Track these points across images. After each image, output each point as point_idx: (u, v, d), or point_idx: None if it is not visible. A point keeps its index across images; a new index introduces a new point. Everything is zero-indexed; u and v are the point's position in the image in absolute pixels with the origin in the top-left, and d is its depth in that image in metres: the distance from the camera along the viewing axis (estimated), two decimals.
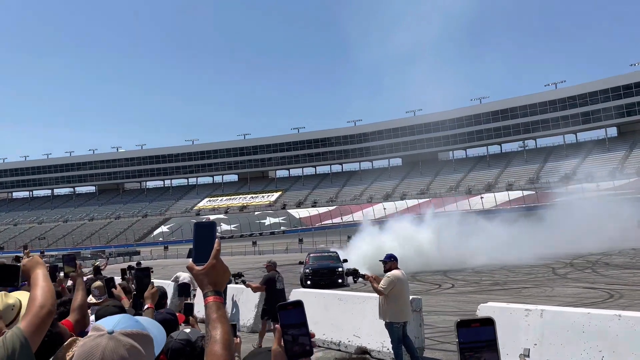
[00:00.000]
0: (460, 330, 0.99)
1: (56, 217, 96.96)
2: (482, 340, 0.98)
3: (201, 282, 1.49)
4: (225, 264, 1.55)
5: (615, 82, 71.13)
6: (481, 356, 0.97)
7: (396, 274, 7.78)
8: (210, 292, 1.48)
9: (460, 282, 20.62)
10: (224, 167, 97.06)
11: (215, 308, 1.46)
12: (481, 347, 0.97)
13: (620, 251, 28.80)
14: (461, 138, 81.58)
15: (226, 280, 1.55)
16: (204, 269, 1.49)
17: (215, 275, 1.49)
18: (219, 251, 1.52)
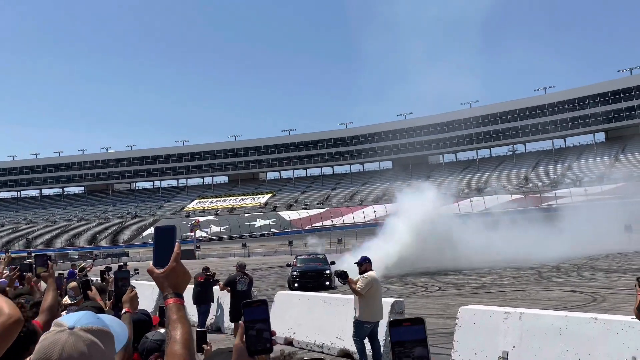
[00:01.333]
0: (392, 330, 1.04)
1: (44, 217, 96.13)
2: (413, 339, 1.03)
3: (161, 285, 1.53)
4: (184, 266, 1.59)
5: (604, 87, 71.89)
6: (412, 353, 1.01)
7: (373, 275, 8.02)
8: (171, 294, 1.51)
9: (447, 285, 20.73)
10: (215, 169, 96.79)
11: (175, 309, 1.49)
12: (412, 345, 1.02)
13: (607, 255, 29.10)
14: (451, 142, 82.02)
15: (186, 283, 1.59)
16: (164, 272, 1.53)
17: (175, 278, 1.53)
18: (179, 254, 1.56)
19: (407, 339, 1.03)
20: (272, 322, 1.30)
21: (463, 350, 7.31)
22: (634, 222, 35.35)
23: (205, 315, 12.84)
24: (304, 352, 9.86)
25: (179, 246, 1.57)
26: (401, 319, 1.06)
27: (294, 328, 10.67)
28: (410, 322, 1.05)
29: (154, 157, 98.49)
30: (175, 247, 1.56)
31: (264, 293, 19.62)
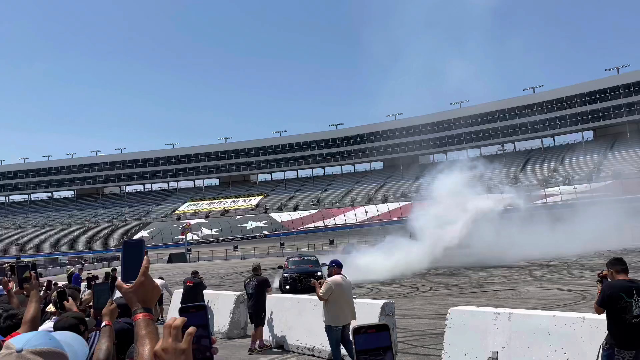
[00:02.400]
0: (356, 337, 1.02)
1: (33, 222, 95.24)
2: (377, 346, 1.01)
3: (130, 300, 1.51)
4: (154, 281, 1.56)
5: (591, 86, 72.52)
6: (375, 357, 1.00)
7: (335, 280, 7.97)
8: (140, 310, 1.49)
9: (438, 285, 20.78)
10: (205, 171, 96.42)
11: (144, 325, 1.47)
12: (376, 352, 1.01)
13: (596, 253, 29.32)
14: (441, 142, 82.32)
15: (156, 297, 1.56)
16: (132, 287, 1.50)
17: (144, 293, 1.51)
18: (147, 268, 1.54)
19: (372, 346, 1.01)
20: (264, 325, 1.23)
21: (453, 351, 7.30)
22: (623, 220, 35.65)
23: None
24: (294, 355, 9.81)
25: (148, 260, 1.55)
26: (365, 325, 1.04)
27: (285, 331, 10.63)
28: (375, 329, 1.04)
29: (144, 160, 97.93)
30: (144, 261, 1.54)
31: None
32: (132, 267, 1.54)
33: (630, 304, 5.07)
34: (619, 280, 5.27)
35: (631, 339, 5.05)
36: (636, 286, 5.19)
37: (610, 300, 5.15)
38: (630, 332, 5.05)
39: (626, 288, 5.14)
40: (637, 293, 5.12)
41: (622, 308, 5.09)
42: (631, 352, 5.03)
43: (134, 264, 1.54)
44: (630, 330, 5.05)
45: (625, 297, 5.10)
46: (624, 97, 69.92)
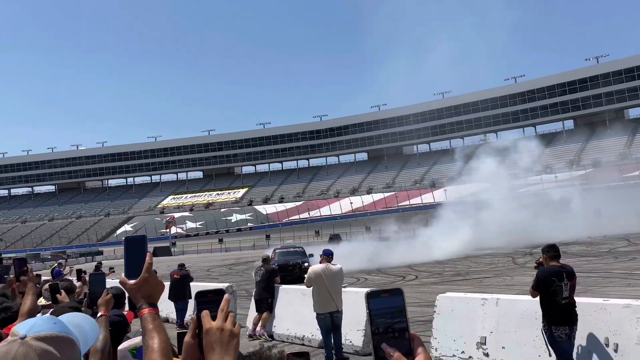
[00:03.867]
0: (370, 301, 1.02)
1: (14, 217, 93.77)
2: (391, 307, 1.02)
3: (135, 296, 1.52)
4: (157, 277, 1.58)
5: (571, 76, 73.48)
6: (391, 321, 1.02)
7: (313, 268, 8.38)
8: (145, 305, 1.51)
9: (423, 274, 20.99)
10: (189, 164, 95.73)
11: (150, 319, 1.49)
12: (390, 313, 1.02)
13: (577, 240, 29.81)
14: (425, 132, 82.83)
15: (160, 293, 1.58)
16: (136, 283, 1.52)
17: (148, 289, 1.53)
18: (151, 265, 1.55)
19: (385, 308, 1.02)
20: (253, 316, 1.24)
21: (442, 338, 7.41)
22: (603, 207, 36.29)
23: (183, 312, 12.75)
24: (284, 344, 9.87)
25: (151, 256, 1.55)
26: (379, 290, 1.05)
27: (274, 321, 10.69)
28: (388, 293, 1.04)
29: (126, 154, 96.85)
30: (147, 258, 1.55)
31: (243, 287, 19.58)
32: (135, 263, 1.55)
33: (561, 287, 5.62)
34: (551, 265, 5.81)
35: (563, 317, 5.64)
36: (566, 271, 5.75)
37: (543, 284, 5.67)
38: (561, 311, 5.64)
39: (557, 273, 5.68)
40: (567, 277, 5.68)
41: (553, 291, 5.63)
42: (565, 328, 5.60)
43: (137, 261, 1.55)
44: (561, 310, 5.64)
45: (557, 281, 5.64)
46: (604, 86, 71.00)
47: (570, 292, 5.71)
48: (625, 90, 70.00)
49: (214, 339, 1.19)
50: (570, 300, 5.71)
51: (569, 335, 5.59)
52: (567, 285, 5.66)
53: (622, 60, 70.34)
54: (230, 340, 1.20)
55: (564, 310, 5.66)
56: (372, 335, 1.02)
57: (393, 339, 1.01)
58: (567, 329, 5.61)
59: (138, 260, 1.55)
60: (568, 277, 5.70)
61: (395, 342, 1.01)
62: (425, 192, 70.54)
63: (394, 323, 1.02)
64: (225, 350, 1.19)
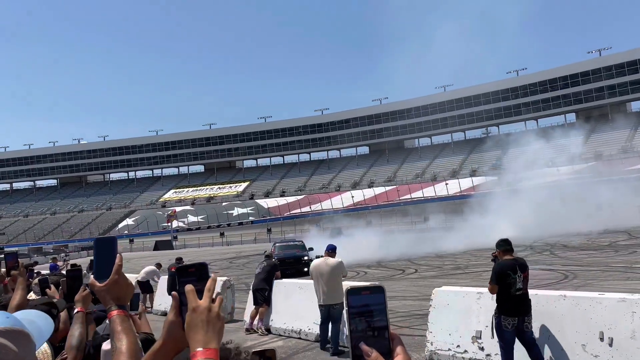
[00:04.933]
0: (350, 297, 0.99)
1: (16, 211, 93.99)
2: (371, 305, 0.99)
3: (104, 298, 1.50)
4: (127, 278, 1.55)
5: (573, 69, 73.13)
6: (370, 319, 0.98)
7: (313, 263, 8.88)
8: (114, 307, 1.49)
9: (423, 267, 20.99)
10: (190, 158, 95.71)
11: (119, 321, 1.47)
12: (370, 311, 0.99)
13: (578, 233, 29.76)
14: (426, 125, 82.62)
15: (130, 295, 1.55)
16: (105, 285, 1.49)
17: (118, 291, 1.50)
18: (120, 266, 1.53)
19: (365, 306, 0.99)
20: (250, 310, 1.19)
21: (437, 331, 7.39)
22: (604, 201, 36.17)
23: None
24: (281, 338, 9.87)
25: (121, 258, 1.54)
26: (360, 286, 1.02)
27: (271, 315, 10.68)
28: (369, 291, 1.01)
29: (127, 148, 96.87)
30: (117, 259, 1.52)
31: (242, 281, 19.60)
32: (104, 265, 1.52)
33: (515, 279, 5.98)
34: (506, 259, 6.16)
35: (514, 308, 5.99)
36: (519, 264, 6.11)
37: (500, 277, 6.03)
38: (514, 302, 6.00)
39: (511, 266, 6.04)
40: (520, 269, 6.04)
41: (509, 283, 5.99)
42: (514, 319, 5.97)
43: (107, 262, 1.52)
44: (514, 301, 6.00)
45: (512, 274, 6.00)
46: (606, 79, 70.67)
47: (524, 283, 6.02)
48: (627, 83, 69.67)
49: (200, 318, 1.10)
50: (524, 291, 6.03)
51: (517, 326, 5.95)
52: (521, 277, 6.00)
53: (625, 53, 69.96)
54: (217, 322, 1.12)
55: (517, 301, 5.99)
56: (349, 333, 0.99)
57: (372, 338, 0.98)
58: (516, 320, 5.95)
59: (107, 262, 1.52)
60: (521, 269, 6.04)
61: (374, 342, 0.98)
62: (427, 185, 70.46)
63: (373, 321, 0.98)
64: (211, 332, 1.10)
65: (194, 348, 1.08)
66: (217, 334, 1.11)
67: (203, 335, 1.09)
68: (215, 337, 1.10)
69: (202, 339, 1.09)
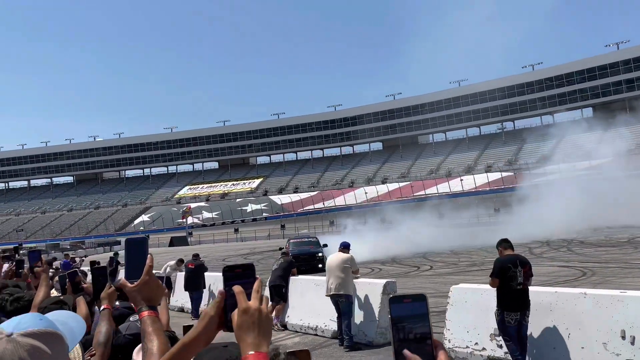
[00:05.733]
0: (392, 306, 1.01)
1: (34, 208, 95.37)
2: (414, 313, 1.00)
3: (134, 299, 1.51)
4: (158, 280, 1.56)
5: (591, 63, 72.05)
6: (413, 326, 1.00)
7: (328, 258, 9.34)
8: (144, 308, 1.49)
9: (438, 264, 20.89)
10: (204, 155, 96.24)
11: (150, 322, 1.48)
12: (412, 319, 1.00)
13: (596, 229, 29.38)
14: (440, 121, 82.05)
15: (160, 296, 1.56)
16: (136, 286, 1.50)
17: (148, 291, 1.51)
18: (151, 267, 1.53)
19: (407, 314, 1.00)
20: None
21: (455, 329, 7.36)
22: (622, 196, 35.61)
23: (198, 301, 12.86)
24: (297, 335, 9.89)
25: (152, 259, 1.54)
26: (401, 295, 1.03)
27: (287, 311, 10.72)
28: (411, 299, 1.02)
29: (142, 145, 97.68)
30: (148, 260, 1.53)
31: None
32: (135, 265, 1.52)
33: (516, 273, 6.25)
34: (507, 254, 6.54)
35: (516, 303, 6.24)
36: (519, 259, 6.44)
37: (501, 271, 6.31)
38: (516, 297, 6.24)
39: (513, 260, 6.38)
40: (520, 264, 6.32)
41: (510, 277, 6.25)
42: (516, 314, 6.21)
43: (138, 263, 1.52)
44: (516, 296, 6.24)
45: (512, 268, 6.28)
46: (624, 73, 69.54)
47: (524, 278, 6.27)
48: None
49: (251, 320, 1.11)
50: (524, 286, 6.28)
51: (519, 321, 6.20)
52: (521, 272, 6.26)
53: None
54: (267, 324, 1.13)
55: (518, 296, 6.25)
56: (393, 340, 1.00)
57: (415, 345, 1.00)
58: (518, 314, 6.22)
59: (139, 263, 1.52)
60: (521, 264, 6.33)
61: (417, 348, 0.99)
62: (441, 181, 70.04)
63: (416, 329, 1.00)
64: (261, 334, 1.11)
65: (246, 351, 1.09)
66: (267, 337, 1.12)
67: (254, 337, 1.10)
68: (265, 340, 1.11)
69: (253, 341, 1.10)
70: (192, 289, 12.77)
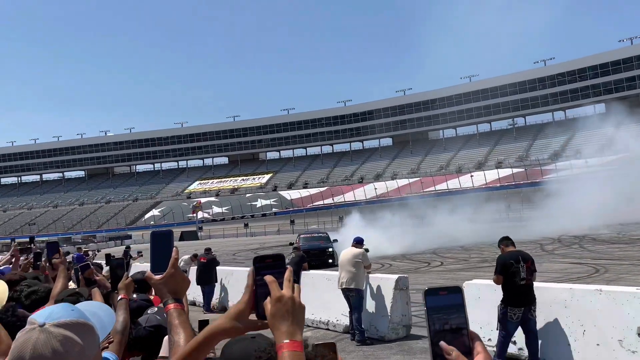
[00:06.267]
0: (428, 298, 1.00)
1: (46, 202, 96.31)
2: (449, 304, 1.00)
3: (160, 291, 1.50)
4: (183, 272, 1.56)
5: (604, 58, 71.22)
6: (449, 318, 0.99)
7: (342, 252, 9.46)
8: (170, 300, 1.49)
9: (449, 260, 20.84)
10: (214, 150, 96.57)
11: (176, 315, 1.47)
12: (448, 310, 1.00)
13: (608, 226, 29.09)
14: (451, 117, 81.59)
15: (186, 288, 1.56)
16: (162, 278, 1.49)
17: (174, 284, 1.50)
18: (177, 260, 1.53)
19: (443, 305, 1.00)
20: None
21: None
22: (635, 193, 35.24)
23: (210, 295, 12.94)
24: (309, 329, 9.92)
25: (177, 251, 1.54)
26: (437, 287, 1.03)
27: None
28: (447, 291, 1.02)
29: (153, 140, 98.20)
30: (173, 253, 1.52)
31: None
32: (161, 258, 1.52)
33: (519, 268, 6.34)
34: (509, 251, 6.65)
35: (520, 298, 6.31)
36: (521, 254, 6.54)
37: (504, 267, 6.41)
38: (519, 292, 6.32)
39: (515, 256, 6.48)
40: (522, 260, 6.41)
41: (513, 272, 6.34)
42: (520, 309, 6.28)
43: (163, 255, 1.52)
44: (519, 291, 6.32)
45: (514, 263, 6.38)
46: (638, 68, 68.69)
47: (527, 273, 6.36)
48: None
49: (285, 309, 1.12)
50: (528, 282, 6.35)
51: (523, 316, 6.28)
52: (524, 267, 6.35)
53: None
54: (300, 312, 1.14)
55: (522, 291, 6.33)
56: (429, 332, 1.00)
57: (451, 336, 0.99)
58: (522, 310, 6.29)
59: (164, 255, 1.52)
60: (523, 259, 6.43)
61: (453, 339, 0.99)
62: (452, 177, 69.72)
63: (452, 320, 1.00)
64: (295, 322, 1.12)
65: (281, 339, 1.10)
66: (300, 325, 1.13)
67: (288, 326, 1.11)
68: (299, 328, 1.13)
69: (287, 330, 1.11)
70: (204, 283, 12.84)
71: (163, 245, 1.55)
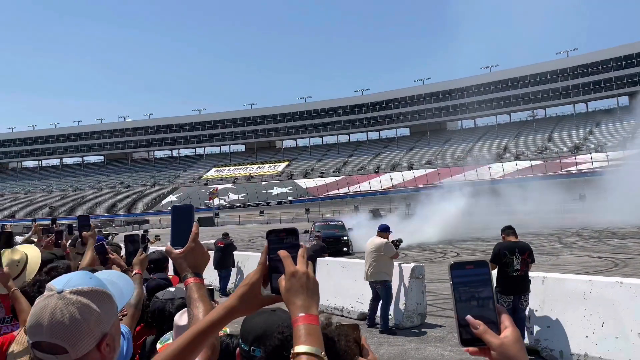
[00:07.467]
0: (453, 272, 1.00)
1: (66, 186, 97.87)
2: (476, 277, 0.99)
3: (180, 265, 1.51)
4: (203, 247, 1.55)
5: (628, 49, 69.63)
6: (475, 290, 0.98)
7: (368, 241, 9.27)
8: (190, 274, 1.49)
9: (465, 251, 20.75)
10: (231, 137, 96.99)
11: (195, 288, 1.47)
12: (474, 284, 0.98)
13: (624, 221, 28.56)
14: (470, 107, 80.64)
15: (205, 263, 1.55)
16: (182, 252, 1.50)
17: (194, 259, 1.50)
18: (197, 234, 1.53)
19: (469, 278, 0.99)
20: None
21: None
22: None
23: (226, 279, 13.07)
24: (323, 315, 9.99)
25: (197, 226, 1.53)
26: (463, 261, 1.02)
27: None
28: (473, 265, 1.00)
29: (171, 126, 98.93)
30: (194, 227, 1.52)
31: None
32: (181, 232, 1.52)
33: (512, 260, 6.49)
34: (507, 241, 6.77)
35: (510, 287, 6.53)
36: (518, 246, 6.61)
37: (497, 257, 6.60)
38: (510, 282, 6.51)
39: (510, 247, 6.60)
40: (519, 252, 6.51)
41: (505, 263, 6.51)
42: (509, 297, 6.50)
43: (184, 230, 1.52)
44: (510, 281, 6.51)
45: (508, 254, 6.52)
46: None
47: (522, 265, 6.49)
48: None
49: (299, 284, 1.13)
50: (522, 273, 6.48)
51: (513, 304, 6.46)
52: (519, 259, 6.48)
53: None
54: (314, 287, 1.15)
55: (513, 281, 6.50)
56: (455, 306, 0.99)
57: (477, 308, 0.98)
58: (512, 298, 6.49)
59: (184, 230, 1.52)
60: (520, 251, 6.52)
61: (480, 311, 0.98)
62: (469, 169, 69.11)
63: (478, 292, 0.98)
64: (311, 296, 1.13)
65: (296, 314, 1.11)
66: (315, 299, 1.14)
67: (303, 300, 1.11)
68: (314, 302, 1.13)
69: (303, 304, 1.11)
70: (221, 267, 12.98)
71: (184, 219, 1.55)
